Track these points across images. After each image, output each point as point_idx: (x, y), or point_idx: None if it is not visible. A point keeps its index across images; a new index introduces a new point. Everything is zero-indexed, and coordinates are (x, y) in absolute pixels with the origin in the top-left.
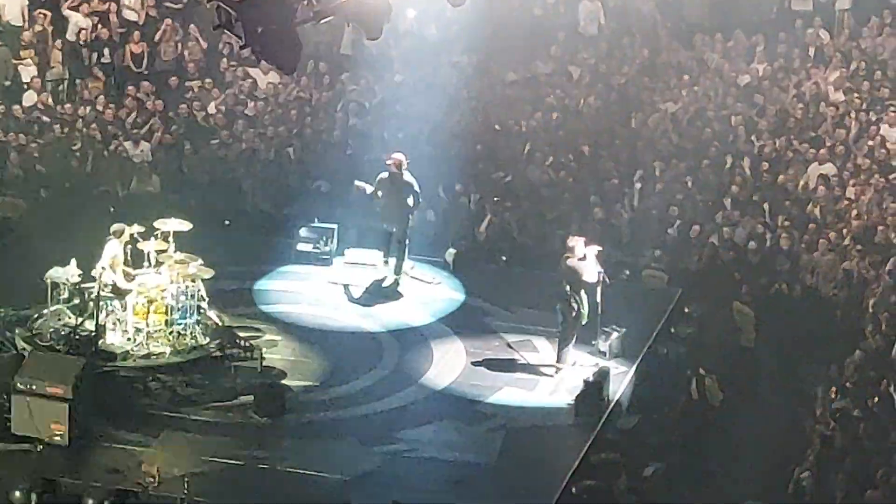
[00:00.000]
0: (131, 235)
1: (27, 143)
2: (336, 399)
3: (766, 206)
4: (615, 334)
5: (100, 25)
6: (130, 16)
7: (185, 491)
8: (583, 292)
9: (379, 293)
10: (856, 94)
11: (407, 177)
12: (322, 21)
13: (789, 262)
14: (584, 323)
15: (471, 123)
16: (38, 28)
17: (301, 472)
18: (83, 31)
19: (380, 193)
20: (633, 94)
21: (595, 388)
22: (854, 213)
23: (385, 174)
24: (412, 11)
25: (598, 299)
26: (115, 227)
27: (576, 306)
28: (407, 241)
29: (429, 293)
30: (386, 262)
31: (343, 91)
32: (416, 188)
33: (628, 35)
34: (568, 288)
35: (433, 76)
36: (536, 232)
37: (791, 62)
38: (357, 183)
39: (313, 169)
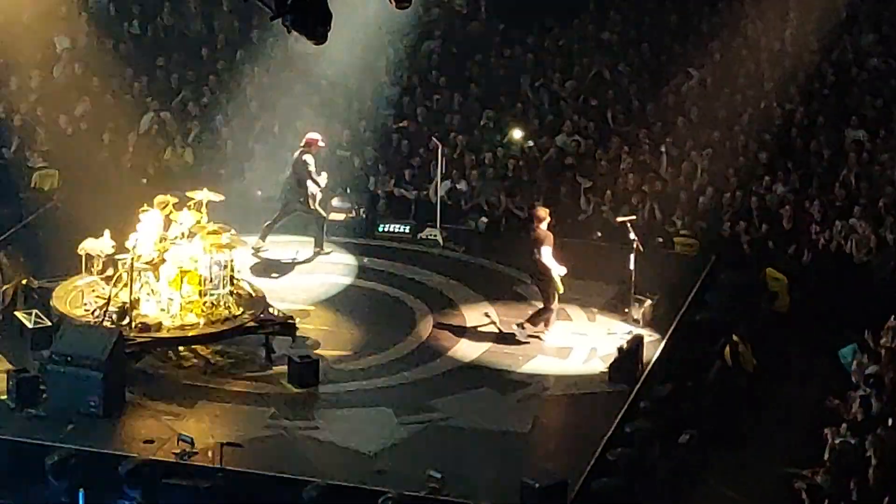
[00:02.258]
0: (168, 208)
1: (57, 116)
2: (369, 369)
3: (798, 172)
4: (648, 302)
5: None
6: None
7: (220, 461)
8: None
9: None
10: (887, 60)
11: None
12: None
13: (822, 228)
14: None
15: (499, 92)
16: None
17: (334, 442)
18: (109, 3)
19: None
20: (663, 61)
21: (628, 355)
22: (886, 178)
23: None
24: None
25: (632, 266)
26: (159, 198)
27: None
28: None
29: (460, 261)
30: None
31: (373, 60)
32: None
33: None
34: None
35: (463, 42)
36: (567, 199)
37: (823, 26)
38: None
39: (342, 140)
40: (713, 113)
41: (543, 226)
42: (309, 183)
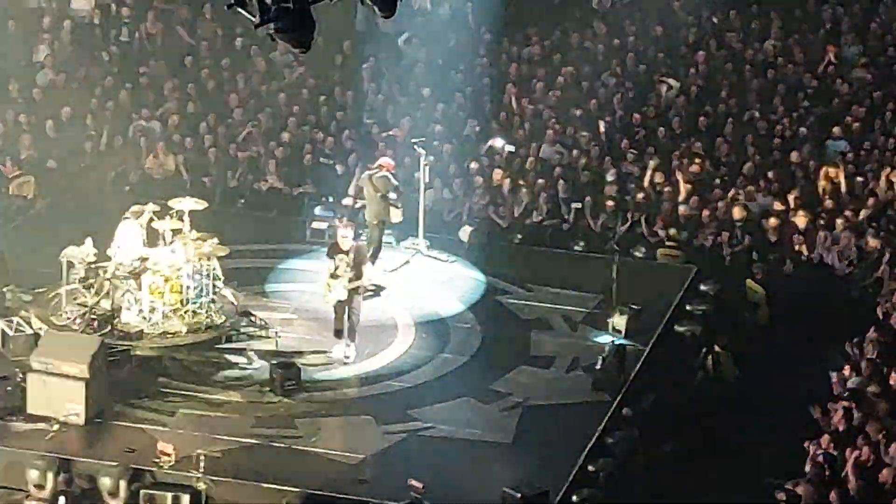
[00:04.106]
0: (149, 217)
1: (40, 123)
2: (351, 378)
3: (779, 183)
4: (631, 312)
5: (115, 4)
6: None
7: (201, 470)
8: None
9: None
10: (872, 70)
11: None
12: None
13: (804, 240)
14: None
15: (485, 101)
16: (51, 6)
17: (317, 450)
18: (96, 11)
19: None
20: (648, 71)
21: (611, 366)
22: (869, 190)
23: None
24: None
25: (614, 276)
26: (135, 208)
27: None
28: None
29: (445, 271)
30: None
31: (356, 70)
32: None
33: (642, 10)
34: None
35: (447, 54)
36: (551, 210)
37: (805, 38)
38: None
39: (327, 149)
40: (695, 123)
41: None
42: (392, 196)
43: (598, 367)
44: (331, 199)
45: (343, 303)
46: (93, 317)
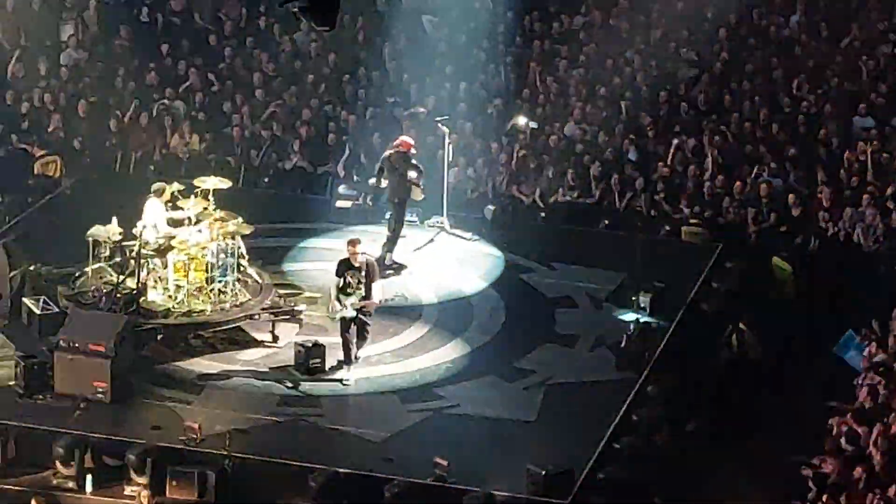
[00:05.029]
0: (172, 194)
1: (66, 103)
2: (376, 356)
3: (805, 160)
4: (655, 290)
5: None
6: None
7: (227, 447)
8: None
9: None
10: None
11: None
12: None
13: (830, 217)
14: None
15: (508, 79)
16: None
17: (341, 429)
18: None
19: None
20: (673, 49)
21: (636, 343)
22: (895, 167)
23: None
24: None
25: (638, 253)
26: (156, 185)
27: None
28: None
29: (468, 249)
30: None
31: (379, 48)
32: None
33: None
34: None
35: (471, 32)
36: (576, 188)
37: (831, 13)
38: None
39: (348, 127)
40: (720, 100)
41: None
42: (412, 175)
43: (622, 344)
44: (354, 178)
45: (350, 321)
46: (118, 295)
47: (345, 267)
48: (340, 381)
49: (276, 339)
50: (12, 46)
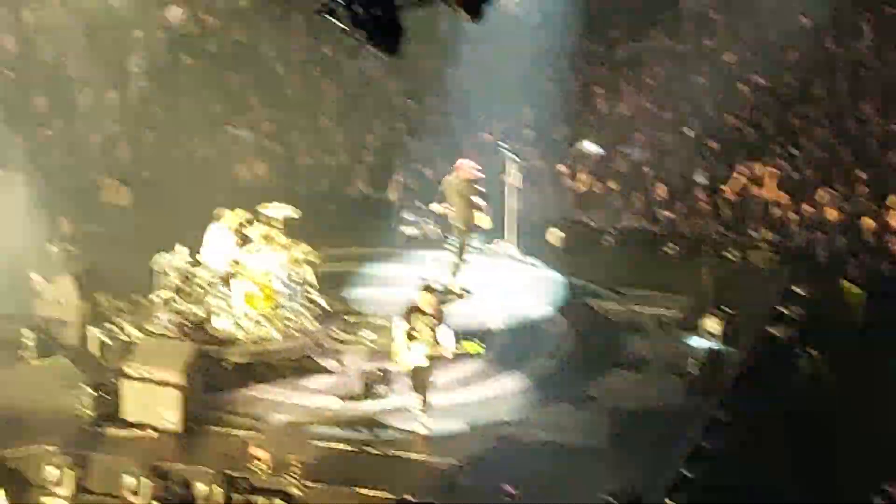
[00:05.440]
0: (240, 223)
1: (134, 132)
2: (444, 382)
3: (874, 184)
4: (724, 315)
5: (204, 14)
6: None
7: (295, 475)
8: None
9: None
10: None
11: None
12: (425, 4)
13: None
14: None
15: (572, 104)
16: (143, 16)
17: (409, 456)
18: (184, 20)
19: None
20: (737, 72)
21: (705, 369)
22: None
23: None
24: None
25: (707, 278)
26: (223, 211)
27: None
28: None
29: (534, 274)
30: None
31: (444, 74)
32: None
33: (731, 11)
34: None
35: (535, 58)
36: (643, 213)
37: None
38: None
39: (416, 154)
40: (788, 124)
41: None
42: (476, 200)
43: (692, 370)
44: (419, 205)
45: (420, 369)
46: (186, 323)
47: (415, 313)
48: (417, 428)
49: (342, 365)
50: (80, 77)
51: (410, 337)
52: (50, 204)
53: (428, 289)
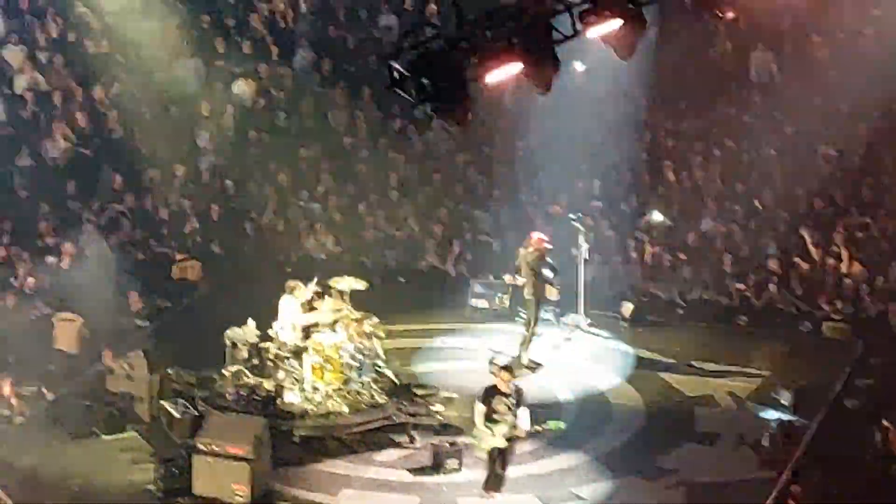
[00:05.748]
0: (310, 296)
1: (204, 207)
2: (516, 455)
3: None
4: (797, 387)
5: (272, 88)
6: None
7: None
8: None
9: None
10: None
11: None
12: (492, 78)
13: None
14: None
15: (641, 176)
16: (212, 91)
17: None
18: (252, 95)
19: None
20: (807, 143)
21: (778, 442)
22: None
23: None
24: (580, 65)
25: (779, 350)
26: (291, 284)
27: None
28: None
29: (606, 347)
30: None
31: (512, 146)
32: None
33: (801, 81)
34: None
35: (602, 129)
36: (713, 285)
37: None
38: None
39: (484, 225)
40: (859, 194)
41: None
42: (547, 273)
43: (764, 443)
44: (490, 277)
45: (500, 451)
46: (256, 397)
47: (493, 393)
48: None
49: (412, 440)
50: (150, 152)
51: (490, 419)
52: (121, 279)
53: (506, 369)
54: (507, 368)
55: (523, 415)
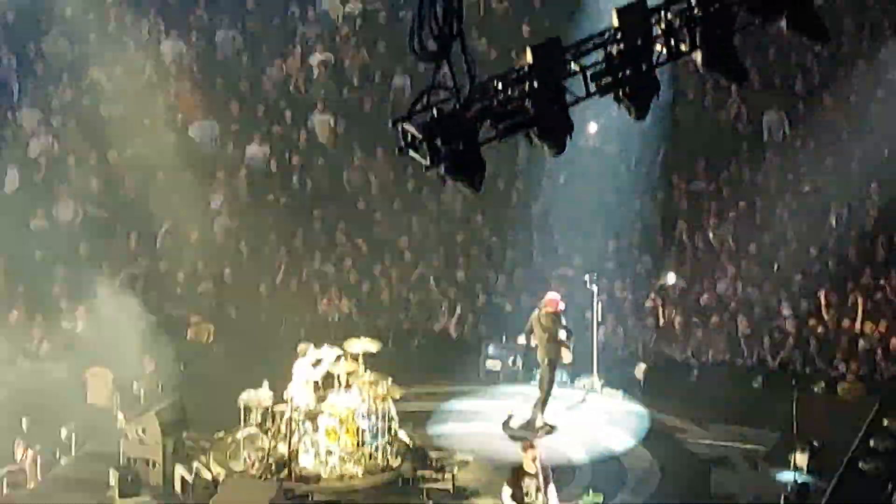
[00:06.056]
0: (324, 359)
1: (218, 269)
2: None
3: None
4: (812, 449)
5: (286, 150)
6: (316, 140)
7: None
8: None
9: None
10: None
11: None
12: (504, 139)
13: None
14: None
15: (655, 237)
16: (226, 154)
17: None
18: (266, 157)
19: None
20: (820, 203)
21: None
22: None
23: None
24: (594, 126)
25: (794, 412)
26: (303, 346)
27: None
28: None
29: (620, 409)
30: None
31: (524, 208)
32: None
33: (815, 141)
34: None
35: (615, 190)
36: (727, 346)
37: None
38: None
39: (497, 287)
40: (872, 254)
41: None
42: (561, 335)
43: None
44: (504, 339)
45: None
46: (270, 461)
47: (520, 474)
48: None
49: (428, 501)
50: (164, 215)
51: (518, 501)
52: (134, 342)
53: (529, 446)
54: (529, 446)
55: (553, 495)
